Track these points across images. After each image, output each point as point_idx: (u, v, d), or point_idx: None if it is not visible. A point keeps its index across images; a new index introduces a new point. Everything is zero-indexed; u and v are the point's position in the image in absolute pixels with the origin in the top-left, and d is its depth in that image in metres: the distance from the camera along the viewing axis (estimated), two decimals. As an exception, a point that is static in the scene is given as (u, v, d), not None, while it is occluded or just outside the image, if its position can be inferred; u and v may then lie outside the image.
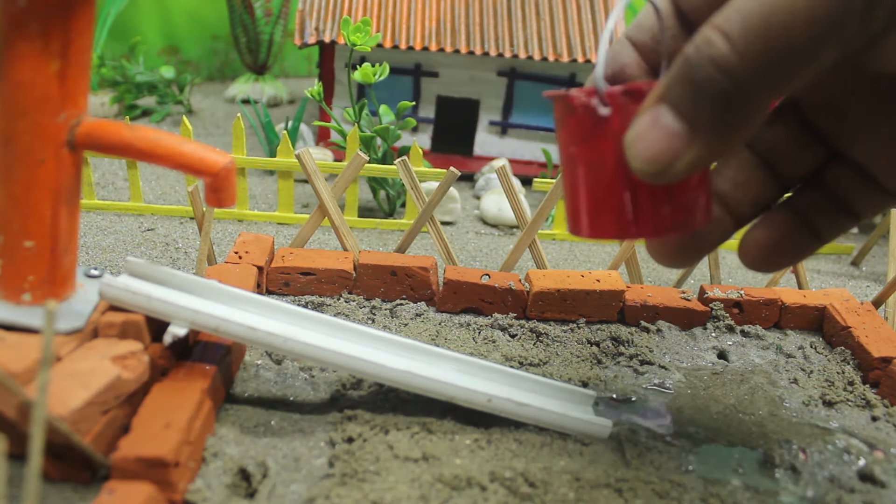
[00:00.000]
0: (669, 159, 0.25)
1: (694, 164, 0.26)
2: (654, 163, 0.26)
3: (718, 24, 0.24)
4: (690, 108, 0.25)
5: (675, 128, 0.25)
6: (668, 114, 0.25)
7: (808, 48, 0.23)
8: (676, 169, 0.26)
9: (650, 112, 0.26)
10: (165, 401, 0.35)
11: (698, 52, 0.24)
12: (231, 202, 0.36)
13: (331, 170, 0.68)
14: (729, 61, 0.23)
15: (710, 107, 0.24)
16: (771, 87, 0.24)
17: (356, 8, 0.82)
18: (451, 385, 0.39)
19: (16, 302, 0.36)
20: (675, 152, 0.25)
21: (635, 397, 0.45)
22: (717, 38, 0.23)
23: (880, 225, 0.74)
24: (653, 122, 0.25)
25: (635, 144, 0.26)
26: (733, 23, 0.23)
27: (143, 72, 1.00)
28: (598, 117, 0.27)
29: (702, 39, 0.24)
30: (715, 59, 0.24)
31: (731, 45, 0.23)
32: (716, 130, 0.25)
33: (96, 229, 0.65)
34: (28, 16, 0.31)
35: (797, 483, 0.39)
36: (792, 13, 0.22)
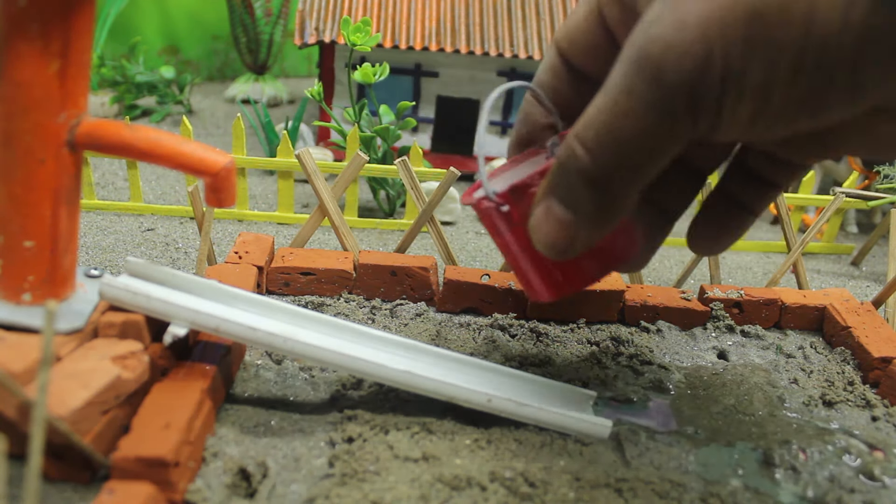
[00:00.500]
0: (566, 242, 0.31)
1: (587, 242, 0.31)
2: (554, 247, 0.31)
3: (579, 135, 0.29)
4: (571, 200, 0.30)
5: (564, 216, 0.30)
6: (557, 205, 0.30)
7: (646, 155, 0.28)
8: (575, 248, 0.31)
9: (542, 204, 0.31)
10: (165, 401, 0.35)
11: (567, 159, 0.29)
12: (231, 202, 0.36)
13: (331, 170, 0.68)
14: (589, 168, 0.29)
15: (585, 199, 0.30)
16: (627, 182, 0.29)
17: (356, 8, 0.82)
18: (451, 385, 0.39)
19: (16, 302, 0.36)
20: (568, 236, 0.31)
21: (635, 397, 0.45)
22: (578, 148, 0.29)
23: (880, 225, 0.74)
24: (545, 212, 0.31)
25: (536, 232, 0.32)
26: (589, 137, 0.28)
27: (143, 72, 1.00)
28: (502, 213, 0.34)
29: (567, 149, 0.29)
30: (579, 167, 0.29)
31: (589, 156, 0.28)
32: (596, 215, 0.30)
33: (96, 229, 0.65)
34: (28, 16, 0.31)
35: (797, 483, 0.39)
36: (628, 132, 0.27)
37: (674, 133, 0.27)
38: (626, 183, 0.29)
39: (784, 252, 0.77)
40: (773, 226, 0.86)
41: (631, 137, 0.27)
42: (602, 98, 0.28)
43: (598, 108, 0.28)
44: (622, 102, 0.27)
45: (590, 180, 0.29)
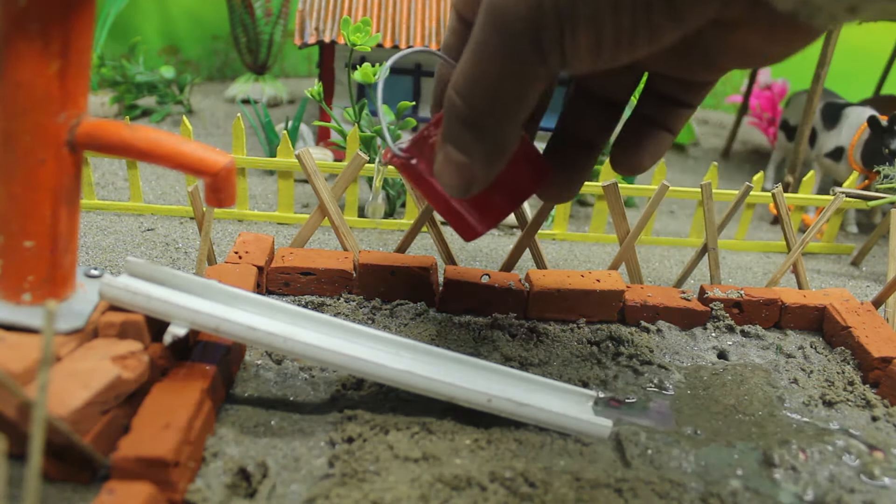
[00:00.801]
0: (466, 181, 0.34)
1: (485, 179, 0.35)
2: (457, 187, 0.35)
3: (454, 85, 0.32)
4: (461, 143, 0.33)
5: (460, 159, 0.34)
6: (452, 150, 0.34)
7: (509, 95, 0.31)
8: (475, 185, 0.35)
9: (441, 151, 0.35)
10: (165, 401, 0.35)
11: (449, 108, 0.33)
12: (231, 202, 0.36)
13: (331, 170, 0.68)
14: (465, 114, 0.32)
15: (470, 141, 0.33)
16: (499, 121, 0.32)
17: (356, 8, 0.82)
18: (451, 385, 0.39)
19: (16, 302, 0.36)
20: (466, 176, 0.34)
21: (635, 397, 0.45)
22: (454, 97, 0.32)
23: (880, 225, 0.74)
24: (444, 158, 0.34)
25: (440, 177, 0.35)
26: (460, 85, 0.32)
27: (143, 72, 1.00)
28: (412, 165, 0.38)
29: (448, 99, 0.33)
30: (457, 113, 0.32)
31: (463, 102, 0.32)
32: (484, 154, 0.34)
33: (96, 229, 0.65)
34: (28, 16, 0.31)
35: (797, 483, 0.39)
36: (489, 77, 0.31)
37: (527, 72, 0.30)
38: (499, 122, 0.32)
39: (784, 252, 0.77)
40: (773, 226, 0.86)
41: (492, 81, 0.30)
42: (466, 50, 0.31)
43: (465, 59, 0.31)
44: (479, 51, 0.30)
45: (468, 124, 0.32)
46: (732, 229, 0.80)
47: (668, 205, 0.92)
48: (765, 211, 0.92)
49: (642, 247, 0.75)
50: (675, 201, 0.93)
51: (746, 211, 0.75)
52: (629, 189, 0.72)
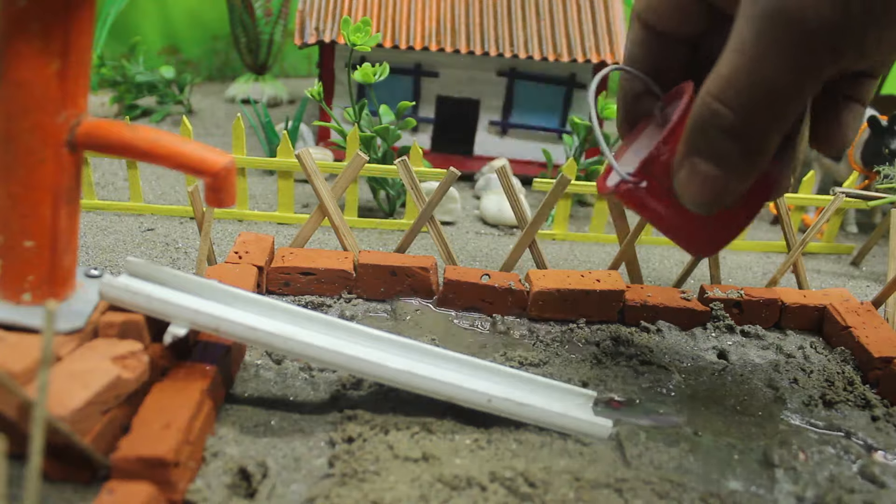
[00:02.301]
0: (716, 196, 0.33)
1: (737, 192, 0.33)
2: (705, 202, 0.33)
3: (717, 96, 0.31)
4: (716, 155, 0.32)
5: (711, 172, 0.32)
6: (702, 163, 0.32)
7: (791, 101, 0.30)
8: (726, 200, 0.33)
9: (686, 165, 0.33)
10: (165, 401, 0.35)
11: (709, 119, 0.31)
12: (231, 202, 0.36)
13: (331, 170, 0.68)
14: (734, 125, 0.31)
15: (731, 152, 0.32)
16: (773, 130, 0.31)
17: (356, 8, 0.82)
18: (451, 385, 0.39)
19: (16, 302, 0.36)
20: (718, 189, 0.33)
21: (635, 397, 0.45)
22: (720, 108, 0.31)
23: (880, 225, 0.74)
24: (691, 172, 0.33)
25: (684, 192, 0.34)
26: (730, 96, 0.30)
27: (143, 72, 1.00)
28: (642, 189, 0.36)
29: (706, 110, 0.31)
30: (723, 125, 0.31)
31: (734, 113, 0.30)
32: (743, 165, 0.32)
33: (96, 229, 0.65)
34: (28, 16, 0.31)
35: (797, 483, 0.39)
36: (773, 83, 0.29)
37: (818, 74, 0.29)
38: (772, 130, 0.31)
39: (784, 252, 0.77)
40: (773, 226, 0.86)
41: (777, 88, 0.29)
42: (737, 57, 0.29)
43: (735, 67, 0.30)
44: (763, 57, 0.29)
45: (736, 135, 0.31)
46: (732, 229, 0.80)
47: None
48: (765, 211, 0.92)
49: (642, 247, 0.75)
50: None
51: (746, 211, 0.75)
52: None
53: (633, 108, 0.41)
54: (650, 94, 0.40)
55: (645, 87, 0.40)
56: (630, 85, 0.40)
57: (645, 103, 0.40)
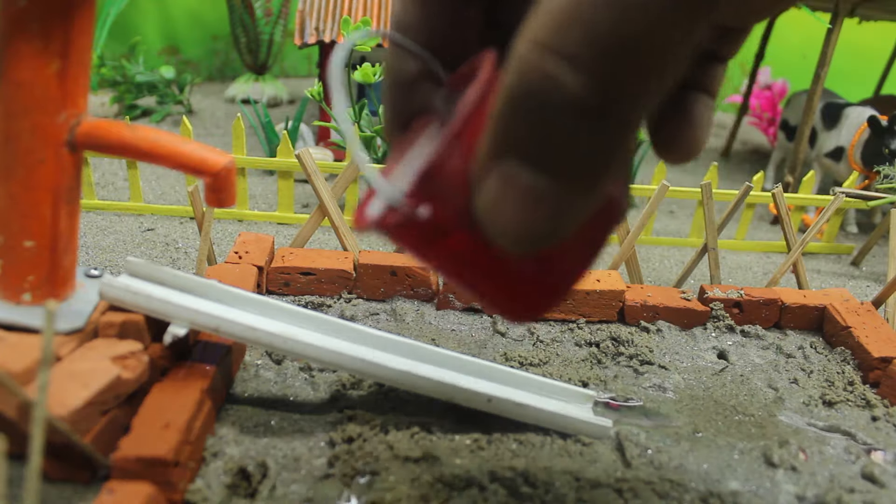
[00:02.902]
0: (547, 221, 0.19)
1: (581, 212, 0.20)
2: (530, 234, 0.20)
3: (551, 46, 0.17)
4: (549, 155, 0.19)
5: (538, 183, 0.19)
6: (522, 169, 0.19)
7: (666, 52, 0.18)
8: (564, 226, 0.20)
9: (494, 175, 0.19)
10: (165, 401, 0.35)
11: (539, 91, 0.18)
12: (231, 202, 0.36)
13: (331, 170, 0.68)
14: (584, 95, 0.18)
15: (577, 146, 0.18)
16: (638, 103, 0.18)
17: (356, 8, 0.82)
18: (451, 385, 0.39)
19: (16, 302, 0.36)
20: (551, 210, 0.19)
21: (635, 397, 0.45)
22: (559, 67, 0.17)
23: (880, 225, 0.74)
24: (503, 185, 0.19)
25: (494, 219, 0.20)
26: (573, 46, 0.17)
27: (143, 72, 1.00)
28: (421, 220, 0.21)
29: (533, 74, 0.18)
30: (566, 96, 0.18)
31: (584, 75, 0.17)
32: (594, 166, 0.19)
33: (96, 229, 0.65)
34: (28, 16, 0.31)
35: (797, 483, 0.39)
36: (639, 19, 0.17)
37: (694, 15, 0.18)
38: (640, 101, 0.18)
39: (784, 252, 0.77)
40: (774, 226, 0.86)
41: (655, 23, 0.17)
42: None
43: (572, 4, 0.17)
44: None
45: (586, 112, 0.18)
46: (732, 229, 0.80)
47: (668, 205, 0.92)
48: (765, 211, 0.92)
49: (642, 247, 0.75)
50: (675, 201, 0.93)
51: (746, 211, 0.75)
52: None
53: (407, 100, 0.27)
54: (430, 77, 0.26)
55: (422, 68, 0.26)
56: (400, 65, 0.26)
57: (423, 91, 0.27)
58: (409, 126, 0.27)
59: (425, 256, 0.22)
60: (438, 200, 0.21)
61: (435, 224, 0.21)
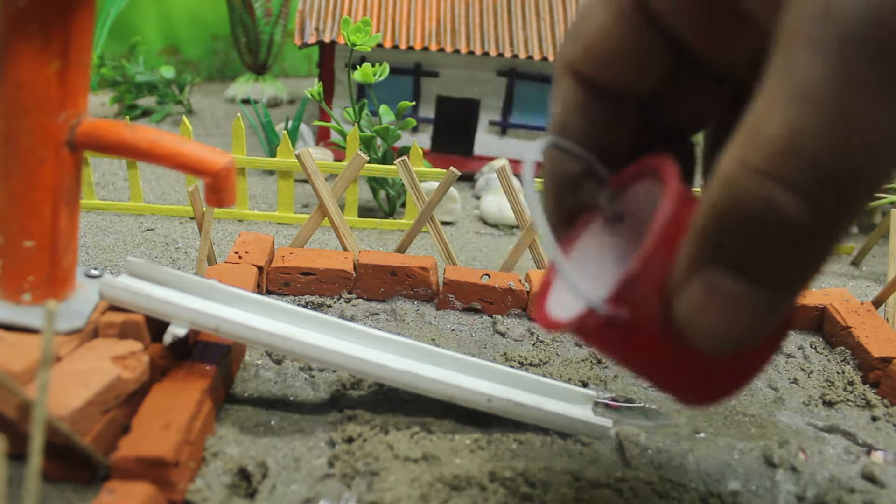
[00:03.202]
0: (749, 326, 0.21)
1: (780, 317, 0.21)
2: (731, 337, 0.21)
3: (773, 174, 0.18)
4: (758, 264, 0.20)
5: (743, 291, 0.20)
6: (727, 277, 0.20)
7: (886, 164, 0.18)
8: (763, 329, 0.21)
9: (696, 283, 0.21)
10: (165, 401, 0.35)
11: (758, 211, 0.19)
12: (231, 202, 0.36)
13: (331, 170, 0.68)
14: (806, 219, 0.18)
15: (789, 260, 0.20)
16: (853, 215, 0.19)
17: (356, 8, 0.82)
18: (451, 385, 0.39)
19: (16, 302, 0.36)
20: (755, 317, 0.21)
21: (635, 398, 0.45)
22: (780, 193, 0.18)
23: (880, 225, 0.74)
24: (707, 293, 0.21)
25: (696, 324, 0.21)
26: (793, 173, 0.18)
27: (143, 72, 1.00)
28: (621, 323, 0.23)
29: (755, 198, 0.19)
30: (788, 219, 0.18)
31: (806, 201, 0.18)
32: (801, 279, 0.20)
33: (96, 229, 0.65)
34: (28, 16, 0.31)
35: (797, 483, 0.39)
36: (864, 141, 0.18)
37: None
38: (853, 217, 0.19)
39: (784, 252, 0.76)
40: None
41: (866, 158, 0.18)
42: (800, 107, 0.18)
43: (799, 123, 0.18)
44: (852, 99, 0.17)
45: (806, 232, 0.19)
46: (732, 229, 0.80)
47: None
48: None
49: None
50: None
51: (746, 211, 0.75)
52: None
53: (570, 200, 0.28)
54: (591, 177, 0.28)
55: (584, 169, 0.27)
56: (562, 167, 0.28)
57: (585, 191, 0.28)
58: (572, 222, 0.29)
59: (616, 354, 0.25)
60: (634, 304, 0.22)
61: (630, 326, 0.23)
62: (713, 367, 0.25)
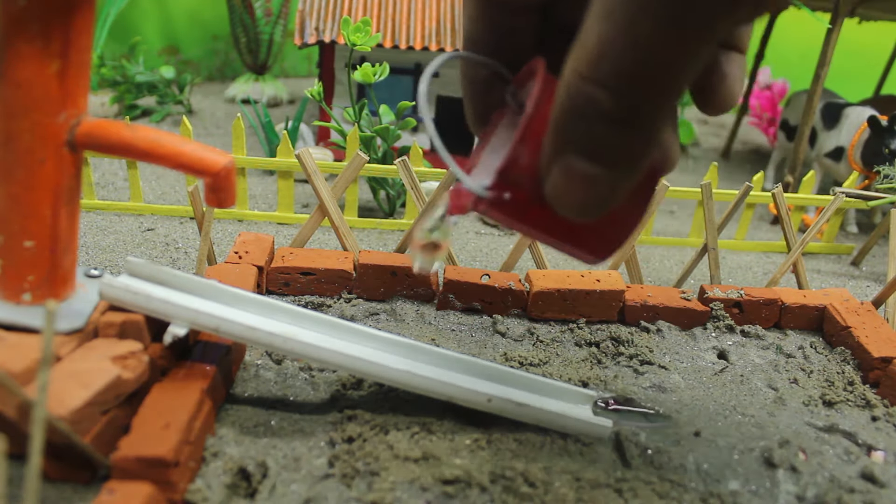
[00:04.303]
0: (600, 198, 0.26)
1: (625, 189, 0.26)
2: (587, 208, 0.26)
3: (587, 74, 0.24)
4: (595, 150, 0.25)
5: (591, 170, 0.26)
6: (578, 161, 0.26)
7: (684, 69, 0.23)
8: (612, 200, 0.26)
9: (557, 166, 0.26)
10: (165, 401, 0.35)
11: (582, 106, 0.24)
12: (231, 202, 0.36)
13: (331, 170, 0.68)
14: (614, 110, 0.24)
15: (615, 144, 0.25)
16: (662, 107, 0.25)
17: (356, 8, 0.82)
18: (451, 385, 0.39)
19: (16, 302, 0.36)
20: (601, 190, 0.26)
21: (635, 397, 0.45)
22: (595, 90, 0.24)
23: (880, 225, 0.74)
24: (565, 174, 0.26)
25: (560, 200, 0.27)
26: (604, 73, 0.23)
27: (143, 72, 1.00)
28: (506, 202, 0.28)
29: (577, 94, 0.24)
30: (601, 111, 0.24)
31: (612, 95, 0.24)
32: (630, 156, 0.25)
33: (96, 229, 0.65)
34: (28, 16, 0.31)
35: (797, 483, 0.39)
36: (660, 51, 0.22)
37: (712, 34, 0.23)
38: (662, 108, 0.24)
39: (784, 252, 0.77)
40: (773, 226, 0.86)
41: (662, 59, 0.23)
42: (606, 25, 0.23)
43: (605, 37, 0.23)
44: (637, 21, 0.22)
45: (617, 121, 0.24)
46: (732, 229, 0.80)
47: (668, 205, 0.92)
48: (765, 211, 0.92)
49: (642, 247, 0.75)
50: (675, 201, 0.93)
51: (746, 211, 0.75)
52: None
53: (484, 100, 0.34)
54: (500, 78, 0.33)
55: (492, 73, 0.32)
56: (474, 72, 0.33)
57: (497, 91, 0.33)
58: (488, 120, 0.34)
59: (512, 226, 0.30)
60: (517, 186, 0.28)
61: (515, 204, 0.28)
62: (595, 228, 0.30)
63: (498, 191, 0.28)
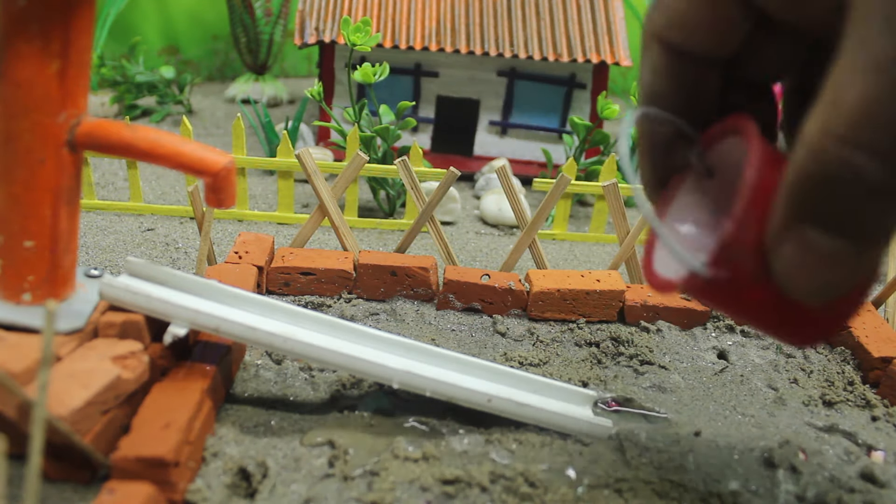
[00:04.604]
0: (843, 276, 0.23)
1: (873, 266, 0.24)
2: (827, 288, 0.24)
3: (848, 138, 0.21)
4: (845, 220, 0.22)
5: (835, 246, 0.23)
6: (819, 235, 0.23)
7: None
8: (853, 281, 0.24)
9: (791, 240, 0.23)
10: (165, 401, 0.35)
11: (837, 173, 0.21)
12: (231, 202, 0.36)
13: (331, 170, 0.68)
14: (883, 179, 0.21)
15: (873, 215, 0.22)
16: None
17: (356, 8, 0.82)
18: (451, 385, 0.39)
19: (16, 302, 0.36)
20: (846, 269, 0.23)
21: (635, 398, 0.45)
22: (858, 157, 0.21)
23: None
24: (802, 249, 0.23)
25: (793, 279, 0.24)
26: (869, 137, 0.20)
27: (143, 72, 1.00)
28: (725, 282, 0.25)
29: (831, 160, 0.21)
30: (866, 180, 0.21)
31: (882, 163, 0.21)
32: (886, 233, 0.23)
33: (96, 229, 0.65)
34: (28, 16, 0.31)
35: (797, 483, 0.39)
36: None
37: None
38: None
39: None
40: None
41: None
42: (873, 78, 0.20)
43: (874, 93, 0.20)
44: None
45: (882, 193, 0.21)
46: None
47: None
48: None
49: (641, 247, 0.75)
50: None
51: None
52: (629, 189, 0.72)
53: (665, 162, 0.31)
54: (681, 138, 0.30)
55: (676, 131, 0.30)
56: (656, 131, 0.30)
57: (678, 152, 0.30)
58: (667, 183, 0.31)
59: (721, 308, 0.27)
60: (733, 264, 0.25)
61: (731, 283, 0.25)
62: (811, 313, 0.27)
63: (716, 267, 0.25)
